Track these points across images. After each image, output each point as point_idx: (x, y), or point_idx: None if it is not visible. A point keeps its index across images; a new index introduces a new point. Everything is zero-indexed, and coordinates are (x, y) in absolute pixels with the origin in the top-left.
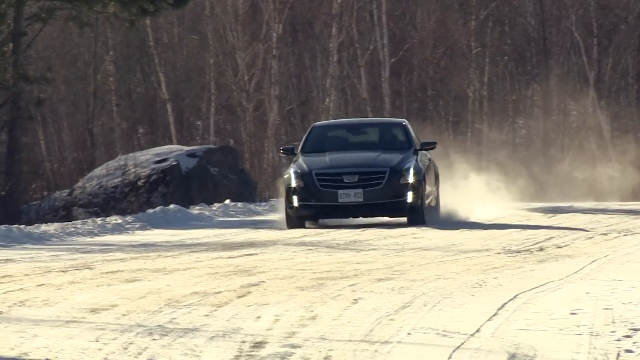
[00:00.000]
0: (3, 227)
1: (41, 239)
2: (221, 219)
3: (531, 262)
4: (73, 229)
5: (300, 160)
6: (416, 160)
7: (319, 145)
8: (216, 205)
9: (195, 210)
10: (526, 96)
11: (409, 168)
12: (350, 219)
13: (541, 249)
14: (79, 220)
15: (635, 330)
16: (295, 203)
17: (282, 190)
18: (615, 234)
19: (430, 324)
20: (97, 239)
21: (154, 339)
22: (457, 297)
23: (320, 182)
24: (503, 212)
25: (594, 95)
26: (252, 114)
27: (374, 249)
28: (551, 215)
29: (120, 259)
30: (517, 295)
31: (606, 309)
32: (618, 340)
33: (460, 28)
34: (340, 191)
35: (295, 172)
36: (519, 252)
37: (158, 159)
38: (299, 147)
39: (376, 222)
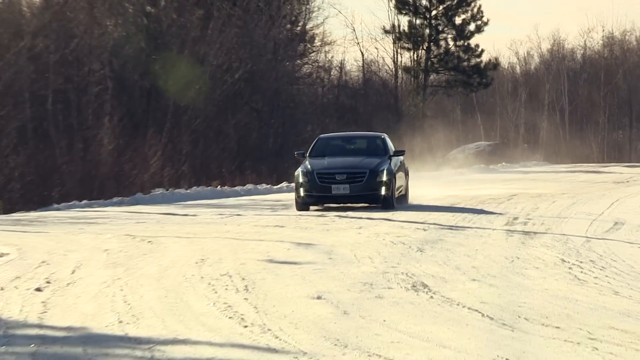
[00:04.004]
0: None
1: None
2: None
3: (623, 185)
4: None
5: (307, 162)
6: (389, 164)
7: (322, 151)
8: (502, 163)
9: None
10: None
11: (383, 170)
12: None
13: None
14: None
15: None
16: (302, 193)
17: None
18: None
19: (583, 210)
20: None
21: (470, 220)
22: (593, 200)
23: (319, 178)
24: None
25: None
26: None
27: (558, 181)
28: None
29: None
30: (618, 199)
31: None
32: None
33: None
34: (333, 185)
35: (302, 171)
36: (621, 182)
37: (475, 146)
38: (308, 152)
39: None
